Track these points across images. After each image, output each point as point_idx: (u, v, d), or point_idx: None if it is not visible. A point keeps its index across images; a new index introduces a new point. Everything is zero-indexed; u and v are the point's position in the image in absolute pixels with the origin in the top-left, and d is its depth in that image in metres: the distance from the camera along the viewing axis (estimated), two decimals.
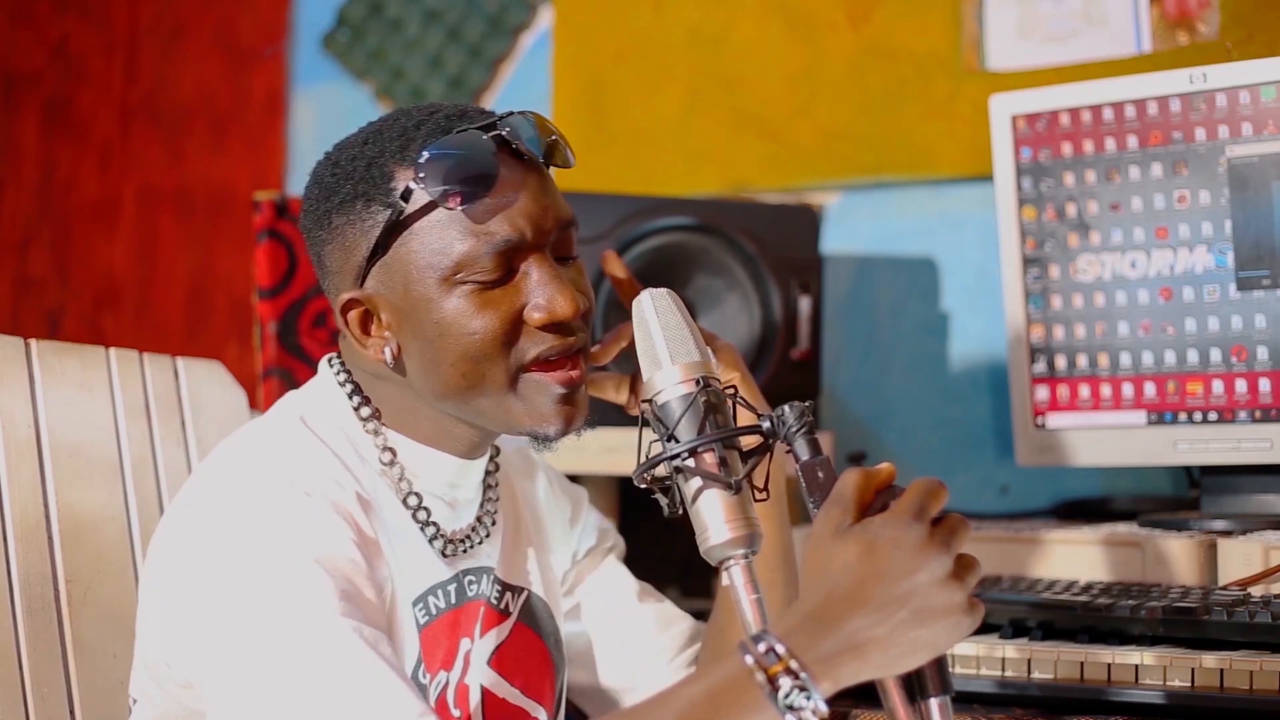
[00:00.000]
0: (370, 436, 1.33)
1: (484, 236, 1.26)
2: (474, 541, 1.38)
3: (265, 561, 1.18)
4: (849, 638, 1.05)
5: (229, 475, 1.26)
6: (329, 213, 1.31)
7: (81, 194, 2.95)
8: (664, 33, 2.45)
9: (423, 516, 1.33)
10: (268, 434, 1.31)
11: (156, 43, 2.98)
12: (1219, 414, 1.73)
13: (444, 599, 1.34)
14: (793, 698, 1.03)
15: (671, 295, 1.23)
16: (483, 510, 1.41)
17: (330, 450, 1.29)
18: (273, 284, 2.06)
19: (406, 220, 1.27)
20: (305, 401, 1.35)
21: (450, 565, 1.35)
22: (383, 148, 1.29)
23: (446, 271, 1.26)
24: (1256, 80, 1.70)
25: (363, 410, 1.33)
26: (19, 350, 1.49)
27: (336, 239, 1.30)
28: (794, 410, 1.17)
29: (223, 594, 1.19)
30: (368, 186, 1.28)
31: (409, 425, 1.33)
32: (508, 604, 1.41)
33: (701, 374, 1.19)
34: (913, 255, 2.27)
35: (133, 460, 1.54)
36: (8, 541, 1.41)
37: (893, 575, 1.05)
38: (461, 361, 1.27)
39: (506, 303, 1.27)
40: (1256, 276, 1.71)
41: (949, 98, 2.20)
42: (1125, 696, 1.38)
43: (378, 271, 1.29)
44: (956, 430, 2.21)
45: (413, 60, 2.72)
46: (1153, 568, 1.62)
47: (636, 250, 1.92)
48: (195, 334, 2.91)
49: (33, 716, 1.39)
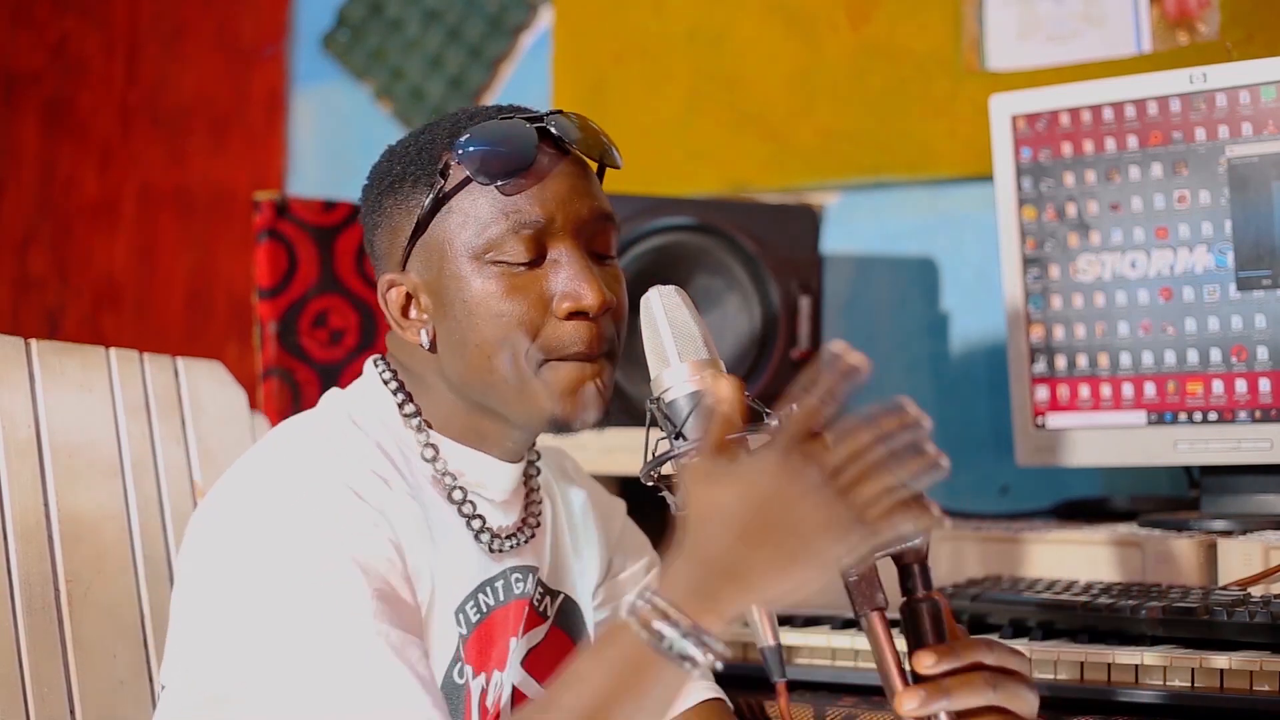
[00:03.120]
0: (414, 433, 1.33)
1: (514, 215, 1.27)
2: (520, 540, 1.38)
3: (303, 557, 1.18)
4: (725, 570, 1.03)
5: (277, 468, 1.26)
6: (380, 196, 1.33)
7: (81, 194, 2.95)
8: (664, 33, 2.45)
9: (469, 510, 1.33)
10: (317, 429, 1.31)
11: (156, 43, 2.98)
12: (1219, 414, 1.73)
13: (493, 595, 1.34)
14: (679, 645, 1.03)
15: (680, 293, 1.24)
16: (527, 511, 1.40)
17: (379, 448, 1.29)
18: (273, 284, 2.06)
19: (444, 197, 1.28)
20: (351, 399, 1.35)
21: (498, 561, 1.35)
22: (435, 136, 1.32)
23: (478, 250, 1.27)
24: (1256, 80, 1.70)
25: (406, 408, 1.33)
26: (19, 350, 1.49)
27: (385, 222, 1.33)
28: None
29: (259, 585, 1.18)
30: (416, 169, 1.30)
31: (449, 426, 1.33)
32: (546, 607, 1.41)
33: (710, 372, 1.18)
34: (913, 255, 2.27)
35: (133, 460, 1.54)
36: (8, 541, 1.41)
37: (757, 498, 1.03)
38: (487, 344, 1.27)
39: (535, 289, 1.28)
40: (1256, 276, 1.71)
41: (949, 98, 2.20)
42: (1126, 697, 1.38)
43: (418, 252, 1.30)
44: (956, 430, 2.21)
45: (413, 60, 2.73)
46: (1153, 568, 1.62)
47: (636, 250, 1.92)
48: (195, 334, 2.91)
49: (33, 716, 1.39)
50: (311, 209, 2.09)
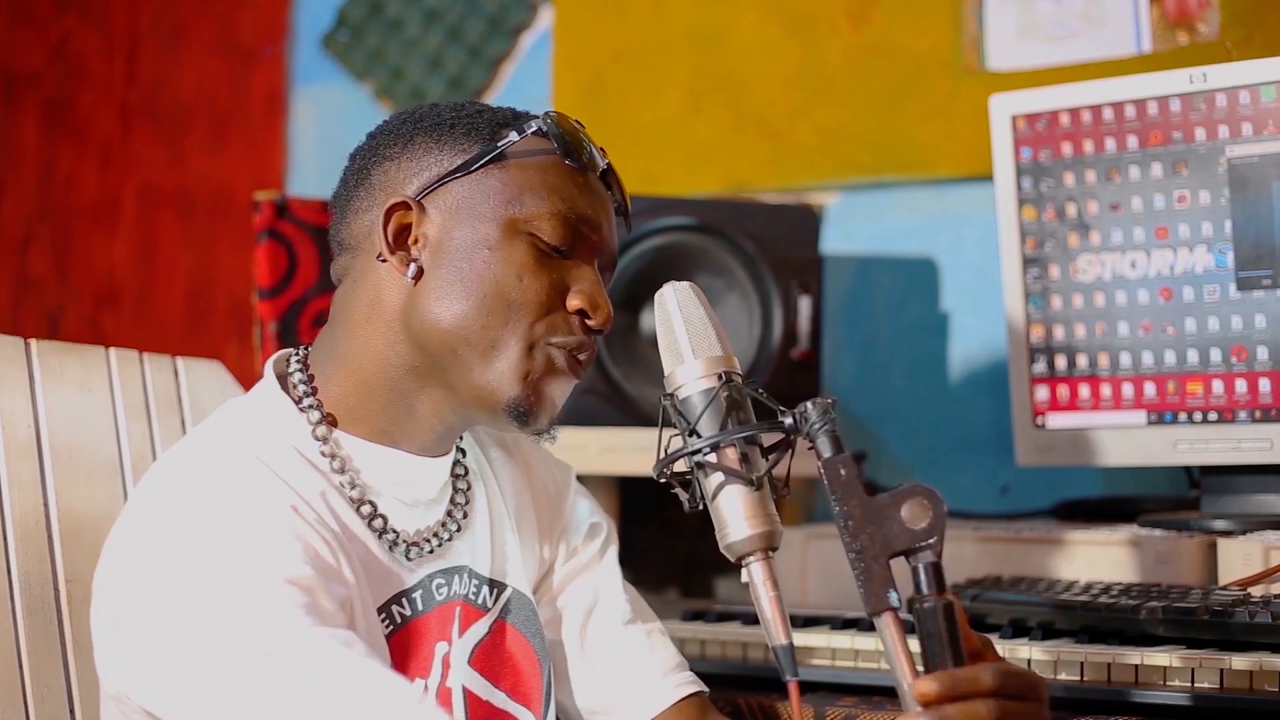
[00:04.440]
0: (318, 444, 1.29)
1: (568, 200, 1.29)
2: (442, 539, 1.34)
3: (231, 584, 1.15)
4: None
5: (177, 501, 1.22)
6: (412, 131, 1.32)
7: (81, 194, 2.94)
8: (664, 33, 2.45)
9: (379, 524, 1.29)
10: (210, 455, 1.26)
11: (156, 43, 2.98)
12: (1219, 414, 1.73)
13: (409, 606, 1.30)
14: None
15: (694, 289, 1.23)
16: (452, 505, 1.37)
17: (273, 472, 1.24)
18: (273, 284, 2.06)
19: (503, 156, 1.29)
20: (248, 414, 1.31)
21: (414, 570, 1.31)
22: (495, 114, 1.33)
23: (520, 217, 1.28)
24: (1256, 80, 1.70)
25: (311, 415, 1.29)
26: (19, 350, 1.49)
27: (406, 155, 1.31)
28: (817, 407, 1.17)
29: (191, 622, 1.15)
30: (470, 124, 1.31)
31: (364, 421, 1.30)
32: (485, 599, 1.37)
33: (724, 369, 1.18)
34: (913, 255, 2.27)
35: (133, 460, 1.54)
36: (8, 541, 1.41)
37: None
38: (493, 300, 1.26)
39: (557, 276, 1.29)
40: (1256, 276, 1.71)
41: (949, 98, 2.20)
42: (1126, 697, 1.38)
43: (445, 194, 1.29)
44: (956, 430, 2.21)
45: (413, 60, 2.73)
46: (1153, 568, 1.62)
47: (636, 250, 1.92)
48: (195, 334, 2.91)
49: (33, 716, 1.39)
50: (311, 209, 2.09)
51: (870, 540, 1.12)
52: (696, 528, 2.08)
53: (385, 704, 1.13)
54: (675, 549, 1.97)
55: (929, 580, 1.12)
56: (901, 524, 1.12)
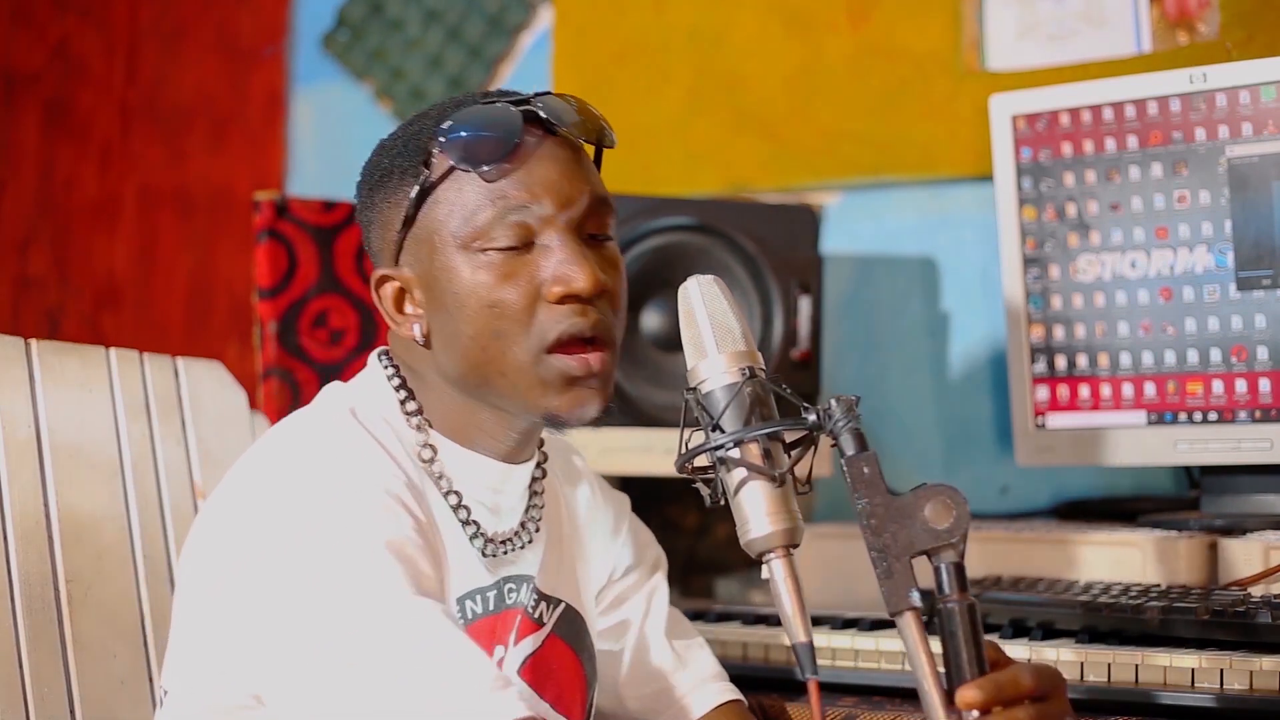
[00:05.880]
0: (414, 432, 1.31)
1: (500, 201, 1.25)
2: (515, 546, 1.35)
3: (335, 550, 1.16)
4: None
5: (284, 467, 1.24)
6: (371, 192, 1.32)
7: (81, 194, 2.94)
8: (664, 33, 2.45)
9: (464, 515, 1.31)
10: (318, 426, 1.29)
11: (156, 43, 2.98)
12: (1219, 414, 1.73)
13: (482, 604, 1.32)
14: None
15: (718, 282, 1.22)
16: (527, 516, 1.38)
17: (379, 443, 1.27)
18: (273, 284, 2.06)
19: (430, 187, 1.27)
20: (352, 395, 1.33)
21: (492, 570, 1.33)
22: (421, 127, 1.30)
23: (466, 238, 1.26)
24: (1256, 80, 1.70)
25: (409, 405, 1.31)
26: (19, 350, 1.49)
27: (378, 218, 1.32)
28: (841, 404, 1.16)
29: (296, 586, 1.16)
30: (403, 160, 1.29)
31: (450, 426, 1.32)
32: (542, 614, 1.39)
33: (748, 364, 1.17)
34: (913, 255, 2.27)
35: (133, 460, 1.54)
36: (8, 541, 1.41)
37: None
38: (480, 336, 1.26)
39: (526, 276, 1.26)
40: (1256, 276, 1.71)
41: (949, 98, 2.20)
42: (1126, 697, 1.38)
43: (409, 246, 1.29)
44: (956, 430, 2.21)
45: (413, 60, 2.73)
46: (1153, 568, 1.62)
47: (636, 250, 1.92)
48: (195, 334, 2.91)
49: (33, 716, 1.39)
50: (311, 209, 2.09)
51: (893, 539, 1.12)
52: (697, 528, 2.09)
53: (467, 677, 1.12)
54: (675, 549, 1.96)
55: (951, 580, 1.12)
56: (924, 523, 1.12)
